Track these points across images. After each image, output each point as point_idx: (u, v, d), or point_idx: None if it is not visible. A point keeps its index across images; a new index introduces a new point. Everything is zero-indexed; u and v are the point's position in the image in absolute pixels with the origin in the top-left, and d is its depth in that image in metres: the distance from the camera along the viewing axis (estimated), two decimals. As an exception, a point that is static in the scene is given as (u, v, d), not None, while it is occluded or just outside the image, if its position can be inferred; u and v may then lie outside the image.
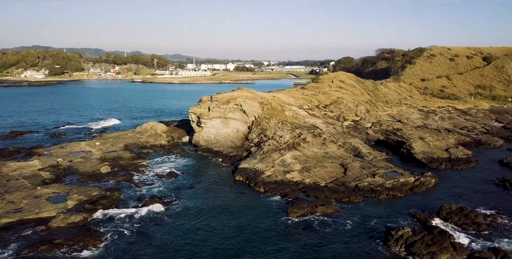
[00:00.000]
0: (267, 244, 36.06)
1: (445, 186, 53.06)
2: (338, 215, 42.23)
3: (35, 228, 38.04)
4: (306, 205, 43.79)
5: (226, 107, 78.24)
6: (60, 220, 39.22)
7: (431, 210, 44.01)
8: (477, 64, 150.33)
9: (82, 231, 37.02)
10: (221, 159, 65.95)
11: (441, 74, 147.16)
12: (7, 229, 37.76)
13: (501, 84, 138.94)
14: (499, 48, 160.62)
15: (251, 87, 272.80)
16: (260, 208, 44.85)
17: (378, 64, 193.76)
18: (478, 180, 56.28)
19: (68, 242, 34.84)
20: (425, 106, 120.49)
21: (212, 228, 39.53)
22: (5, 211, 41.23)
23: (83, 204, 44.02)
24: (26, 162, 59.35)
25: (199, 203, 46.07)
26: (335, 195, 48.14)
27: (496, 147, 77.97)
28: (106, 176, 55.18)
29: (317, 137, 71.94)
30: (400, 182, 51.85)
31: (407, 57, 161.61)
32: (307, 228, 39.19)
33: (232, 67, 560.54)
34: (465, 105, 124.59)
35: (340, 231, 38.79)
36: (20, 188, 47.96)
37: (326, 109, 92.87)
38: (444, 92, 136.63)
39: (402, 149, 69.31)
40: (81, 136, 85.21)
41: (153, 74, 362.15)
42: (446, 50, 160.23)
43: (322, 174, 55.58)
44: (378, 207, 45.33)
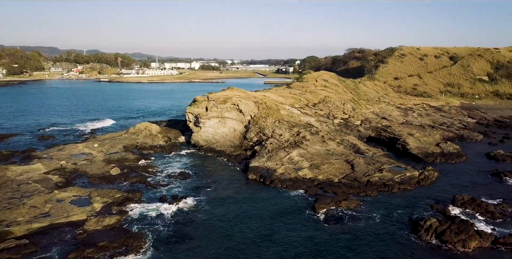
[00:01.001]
0: (303, 239, 37.44)
1: (446, 179, 56.56)
2: (362, 209, 44.32)
3: (71, 232, 37.48)
4: (330, 201, 45.61)
5: (223, 107, 78.83)
6: (94, 223, 38.82)
7: (444, 201, 47.09)
8: (444, 64, 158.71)
9: (121, 233, 36.90)
10: (226, 158, 66.62)
11: (412, 73, 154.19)
12: (41, 233, 36.98)
13: (467, 82, 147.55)
14: (464, 48, 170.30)
15: (221, 85, 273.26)
16: (284, 204, 46.18)
17: (350, 63, 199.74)
18: (473, 172, 60.36)
19: (113, 244, 34.71)
20: (402, 104, 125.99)
21: (246, 225, 40.43)
22: (32, 216, 40.22)
23: (110, 206, 43.62)
24: (29, 166, 57.50)
25: (223, 201, 46.78)
26: (352, 190, 50.30)
27: (477, 141, 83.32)
28: (118, 178, 54.54)
29: (315, 135, 74.09)
30: (407, 176, 54.80)
31: (379, 57, 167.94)
32: (337, 222, 40.96)
33: (197, 66, 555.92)
34: (438, 102, 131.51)
35: (368, 223, 40.86)
36: (35, 193, 46.70)
37: (315, 108, 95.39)
38: (417, 90, 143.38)
39: (397, 145, 72.76)
40: (71, 138, 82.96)
41: (119, 73, 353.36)
42: (415, 50, 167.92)
43: (332, 170, 57.68)
44: (394, 200, 47.88)
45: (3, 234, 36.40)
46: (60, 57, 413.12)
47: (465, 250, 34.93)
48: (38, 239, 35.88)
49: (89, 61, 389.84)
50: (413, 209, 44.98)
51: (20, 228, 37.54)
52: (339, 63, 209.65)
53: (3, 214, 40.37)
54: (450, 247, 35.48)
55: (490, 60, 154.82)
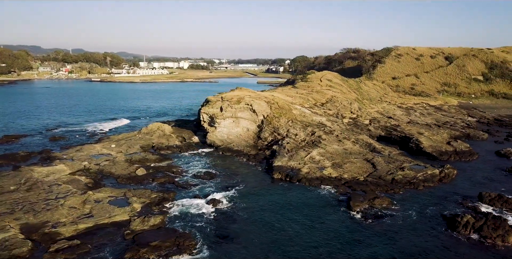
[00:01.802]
0: (345, 237, 38.43)
1: (464, 177, 58.26)
2: (395, 206, 45.53)
3: (118, 232, 37.77)
4: (363, 199, 46.72)
5: (237, 107, 79.41)
6: (139, 223, 39.13)
7: (470, 198, 48.67)
8: (440, 63, 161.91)
9: (170, 233, 37.29)
10: (245, 158, 67.20)
11: (409, 72, 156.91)
12: (89, 234, 37.16)
13: (463, 82, 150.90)
14: (458, 49, 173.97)
15: (215, 85, 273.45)
16: (317, 203, 47.13)
17: (346, 63, 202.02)
18: (489, 170, 62.28)
19: (164, 243, 35.12)
20: (402, 103, 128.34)
21: (286, 223, 41.21)
22: (74, 217, 40.32)
23: (149, 206, 43.95)
24: (53, 167, 57.27)
25: (256, 200, 47.48)
26: (379, 188, 51.54)
27: (483, 139, 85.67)
28: (145, 179, 54.73)
29: (329, 135, 75.30)
30: (429, 174, 56.32)
31: (377, 57, 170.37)
32: (374, 220, 42.04)
33: (186, 65, 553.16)
34: (437, 102, 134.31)
35: (405, 220, 42.07)
36: (69, 194, 46.68)
37: (324, 108, 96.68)
38: (415, 90, 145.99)
39: (410, 144, 74.40)
40: (83, 138, 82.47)
41: (110, 73, 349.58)
42: (411, 50, 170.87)
43: (355, 169, 58.87)
44: (422, 197, 49.26)
45: (53, 235, 36.53)
46: (48, 56, 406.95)
47: (505, 244, 36.40)
48: (87, 239, 36.05)
49: (78, 60, 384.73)
50: (442, 205, 46.39)
51: (67, 229, 37.66)
52: (335, 63, 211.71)
53: (44, 215, 40.39)
54: (490, 242, 36.91)
55: (484, 60, 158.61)
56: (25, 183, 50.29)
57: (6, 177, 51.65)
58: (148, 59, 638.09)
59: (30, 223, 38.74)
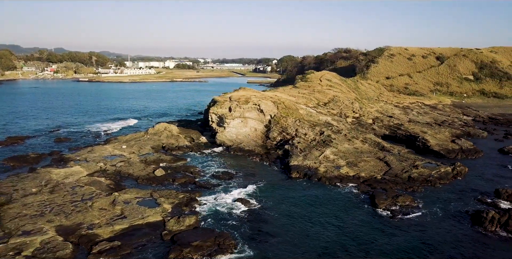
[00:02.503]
0: (376, 232, 39.35)
1: (475, 174, 59.93)
2: (418, 204, 46.69)
3: (155, 233, 37.86)
4: (386, 196, 47.77)
5: (245, 107, 79.81)
6: (174, 223, 39.25)
7: (487, 194, 50.24)
8: (432, 63, 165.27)
9: (207, 233, 37.46)
10: (258, 158, 67.65)
11: (402, 72, 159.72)
12: (126, 235, 37.09)
13: (455, 81, 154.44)
14: (448, 49, 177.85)
15: (205, 85, 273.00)
16: (341, 200, 47.99)
17: (338, 63, 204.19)
18: (496, 167, 64.22)
19: (205, 243, 35.37)
20: (398, 103, 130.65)
21: (316, 221, 41.88)
22: (107, 218, 40.21)
23: (179, 206, 44.08)
24: (69, 169, 56.82)
25: (281, 198, 48.04)
26: (398, 186, 52.71)
27: (483, 138, 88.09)
28: (165, 179, 54.72)
29: (337, 134, 76.34)
30: (442, 172, 57.79)
31: (370, 57, 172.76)
32: (402, 217, 43.08)
33: (171, 65, 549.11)
34: (431, 101, 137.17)
35: (432, 217, 43.26)
36: (94, 195, 46.44)
37: (327, 107, 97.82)
38: (409, 89, 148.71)
39: (417, 143, 76.02)
40: (90, 139, 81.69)
41: (96, 73, 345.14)
42: (403, 50, 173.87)
43: (370, 168, 59.98)
44: (441, 194, 50.63)
45: (91, 236, 36.41)
46: (31, 55, 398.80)
47: (532, 238, 37.87)
48: (126, 240, 36.02)
49: (63, 60, 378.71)
50: (463, 202, 47.81)
51: (103, 230, 37.56)
52: (327, 63, 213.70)
53: (76, 217, 40.18)
54: (517, 236, 38.36)
55: (474, 60, 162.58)
56: (46, 185, 49.79)
57: (26, 179, 51.04)
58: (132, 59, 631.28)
59: (64, 225, 38.50)
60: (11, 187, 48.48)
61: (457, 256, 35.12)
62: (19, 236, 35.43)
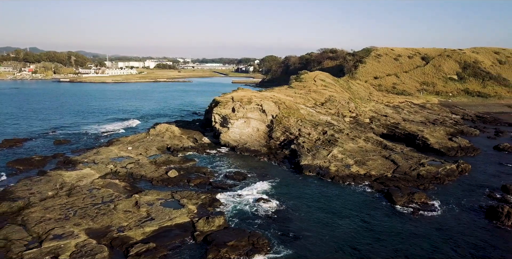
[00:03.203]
0: (401, 229, 40.57)
1: (478, 170, 62.14)
2: (433, 200, 48.19)
3: (186, 233, 37.96)
4: (402, 194, 49.08)
5: (248, 107, 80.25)
6: (204, 224, 39.43)
7: (495, 190, 52.28)
8: (418, 63, 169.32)
9: (239, 232, 37.77)
10: (266, 158, 68.22)
11: (390, 72, 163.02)
12: (158, 237, 37.04)
13: (440, 81, 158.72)
14: (432, 49, 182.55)
15: (191, 85, 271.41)
16: (359, 199, 49.07)
17: (324, 63, 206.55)
18: (496, 163, 66.70)
19: (240, 243, 35.74)
20: (389, 102, 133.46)
21: (340, 218, 42.78)
22: (135, 220, 40.05)
23: (203, 207, 44.24)
24: (80, 171, 56.06)
25: (300, 197, 48.74)
26: (410, 183, 54.20)
27: (476, 136, 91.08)
28: (180, 180, 54.66)
29: (340, 133, 77.66)
30: (448, 169, 59.74)
31: (357, 57, 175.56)
32: (421, 213, 44.48)
33: (152, 65, 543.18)
34: (419, 100, 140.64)
35: (450, 212, 44.80)
36: (113, 197, 46.09)
37: (324, 107, 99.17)
38: (397, 89, 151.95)
39: (417, 141, 78.09)
40: (90, 141, 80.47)
41: (77, 73, 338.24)
42: (390, 51, 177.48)
43: (378, 166, 61.39)
44: (452, 190, 52.40)
45: (124, 239, 36.27)
46: (8, 55, 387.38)
47: (548, 231, 39.78)
48: (160, 242, 36.01)
49: (41, 60, 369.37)
50: (474, 198, 49.65)
51: (135, 233, 37.44)
52: (313, 63, 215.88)
53: (103, 220, 39.87)
54: (533, 229, 40.23)
55: (458, 60, 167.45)
56: (61, 188, 49.09)
57: (40, 183, 50.14)
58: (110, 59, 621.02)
59: (93, 228, 38.17)
60: (27, 190, 47.58)
61: (480, 250, 36.59)
62: (52, 240, 34.97)
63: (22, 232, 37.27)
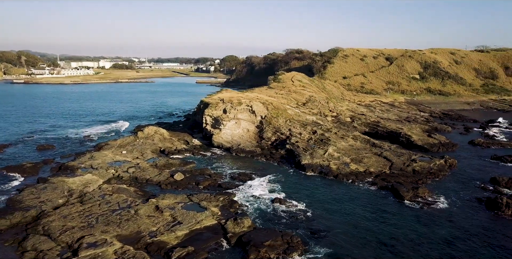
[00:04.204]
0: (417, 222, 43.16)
1: (463, 165, 66.44)
2: (436, 194, 51.37)
3: (218, 236, 38.32)
4: (406, 189, 51.84)
5: (238, 108, 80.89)
6: (234, 225, 39.88)
7: (486, 182, 56.43)
8: (382, 64, 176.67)
9: (271, 232, 38.55)
10: (264, 158, 69.24)
11: (357, 72, 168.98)
12: (193, 240, 37.13)
13: (404, 80, 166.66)
14: (395, 50, 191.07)
15: (154, 85, 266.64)
16: (367, 195, 51.39)
17: (292, 63, 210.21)
18: (476, 158, 71.68)
19: (276, 242, 36.62)
20: (360, 101, 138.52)
21: (358, 215, 44.75)
22: (163, 224, 39.80)
23: (225, 209, 44.61)
24: (82, 177, 54.44)
25: (312, 196, 50.29)
26: (409, 179, 57.27)
27: (449, 132, 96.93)
28: (188, 183, 54.62)
29: (328, 133, 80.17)
30: (439, 164, 63.62)
31: (325, 57, 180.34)
32: (430, 206, 47.36)
33: (107, 65, 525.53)
34: (387, 99, 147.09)
35: (455, 204, 48.04)
36: (129, 203, 45.41)
37: (306, 107, 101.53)
38: (365, 88, 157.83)
39: (401, 138, 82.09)
40: (76, 146, 77.77)
41: (30, 74, 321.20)
42: (356, 51, 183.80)
43: (375, 163, 64.20)
44: (448, 184, 55.99)
45: (159, 244, 36.11)
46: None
47: (544, 218, 43.87)
48: (196, 245, 36.10)
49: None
50: (470, 190, 53.44)
51: (168, 237, 37.31)
52: (281, 63, 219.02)
53: (129, 226, 39.33)
54: (532, 217, 44.19)
55: (419, 61, 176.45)
56: (70, 195, 47.63)
57: (46, 190, 48.36)
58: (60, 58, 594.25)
59: (123, 235, 37.59)
60: (35, 199, 45.79)
61: (492, 238, 39.77)
62: (87, 249, 34.16)
63: (49, 242, 36.08)
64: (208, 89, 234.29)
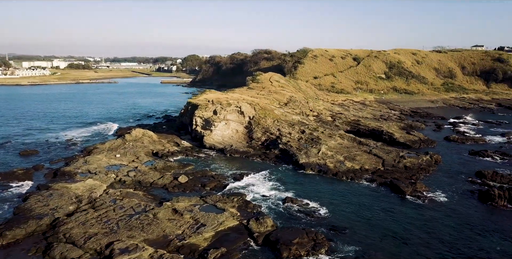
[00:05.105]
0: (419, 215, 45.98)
1: (447, 160, 70.58)
2: (431, 188, 54.64)
3: (243, 236, 39.10)
4: (405, 185, 54.71)
5: (228, 109, 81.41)
6: (257, 225, 40.74)
7: (471, 176, 60.59)
8: (350, 64, 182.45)
9: (295, 231, 39.78)
10: (259, 158, 70.18)
11: (327, 72, 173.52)
12: (222, 241, 37.72)
13: (372, 79, 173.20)
14: (361, 50, 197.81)
15: (118, 86, 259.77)
16: (370, 191, 53.84)
17: (261, 63, 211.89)
18: (455, 153, 76.39)
19: (303, 240, 37.87)
20: (333, 100, 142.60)
21: (368, 211, 46.94)
22: (187, 227, 39.94)
23: (242, 209, 45.29)
24: (84, 182, 53.11)
25: (320, 194, 51.98)
26: (403, 174, 60.36)
27: (423, 129, 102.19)
28: (194, 185, 54.73)
29: (316, 132, 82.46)
30: (426, 160, 67.39)
31: (295, 58, 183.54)
32: (428, 200, 50.37)
33: (62, 65, 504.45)
34: (358, 98, 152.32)
35: (450, 198, 51.38)
36: (143, 207, 45.07)
37: (288, 107, 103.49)
38: (335, 88, 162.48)
39: (383, 136, 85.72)
40: (61, 150, 75.32)
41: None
42: (324, 52, 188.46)
43: (367, 161, 66.97)
44: (440, 179, 59.59)
45: (190, 246, 36.38)
46: None
47: (534, 207, 48.11)
48: (226, 246, 36.66)
49: None
50: (460, 184, 57.23)
51: (197, 239, 37.61)
52: (250, 64, 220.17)
53: (153, 230, 39.22)
54: (522, 207, 48.30)
55: (385, 61, 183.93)
56: (79, 201, 46.52)
57: (52, 197, 46.95)
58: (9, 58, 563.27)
59: (150, 239, 37.49)
60: (44, 206, 44.40)
61: (491, 225, 43.22)
62: (122, 255, 33.85)
63: (76, 249, 35.39)
64: (176, 90, 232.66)
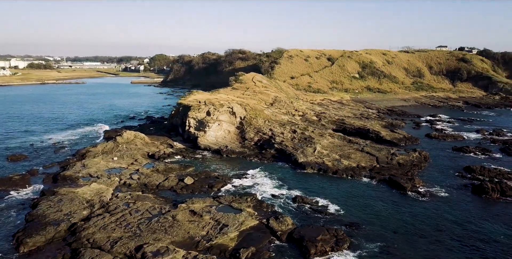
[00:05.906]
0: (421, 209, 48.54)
1: (434, 156, 74.11)
2: (429, 184, 57.54)
3: (268, 235, 40.01)
4: (405, 181, 57.27)
5: (221, 110, 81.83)
6: (277, 224, 41.75)
7: (460, 171, 64.19)
8: (325, 64, 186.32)
9: (315, 228, 41.13)
10: (257, 158, 71.06)
11: (303, 72, 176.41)
12: (247, 240, 38.47)
13: (346, 79, 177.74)
14: (334, 51, 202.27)
15: (88, 86, 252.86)
16: (372, 188, 56.04)
17: (236, 63, 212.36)
18: (439, 150, 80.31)
19: (326, 236, 39.24)
20: (312, 100, 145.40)
21: (376, 207, 49.01)
22: (211, 228, 40.39)
23: (257, 209, 46.12)
24: (89, 187, 52.22)
25: (326, 192, 53.58)
26: (399, 171, 63.09)
27: (403, 127, 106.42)
28: (201, 186, 55.02)
29: (307, 131, 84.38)
30: (416, 157, 70.67)
31: (272, 58, 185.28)
32: (428, 195, 53.10)
33: (21, 64, 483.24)
34: (335, 97, 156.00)
35: (447, 192, 54.40)
36: (158, 209, 45.09)
37: (274, 107, 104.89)
38: (312, 88, 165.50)
39: (370, 134, 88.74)
40: (51, 154, 73.32)
41: None
42: (299, 52, 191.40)
43: (362, 158, 69.38)
44: (433, 174, 62.74)
45: (219, 246, 36.99)
46: None
47: (524, 199, 51.88)
48: (253, 245, 37.48)
49: None
50: (452, 178, 60.64)
51: (223, 240, 38.20)
52: (225, 63, 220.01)
53: (177, 232, 39.49)
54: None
55: (358, 61, 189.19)
56: (92, 205, 45.87)
57: (62, 203, 46.01)
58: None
59: (177, 241, 37.75)
60: (57, 212, 43.50)
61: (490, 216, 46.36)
62: (155, 258, 33.92)
63: (105, 254, 35.15)
64: (149, 90, 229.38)
